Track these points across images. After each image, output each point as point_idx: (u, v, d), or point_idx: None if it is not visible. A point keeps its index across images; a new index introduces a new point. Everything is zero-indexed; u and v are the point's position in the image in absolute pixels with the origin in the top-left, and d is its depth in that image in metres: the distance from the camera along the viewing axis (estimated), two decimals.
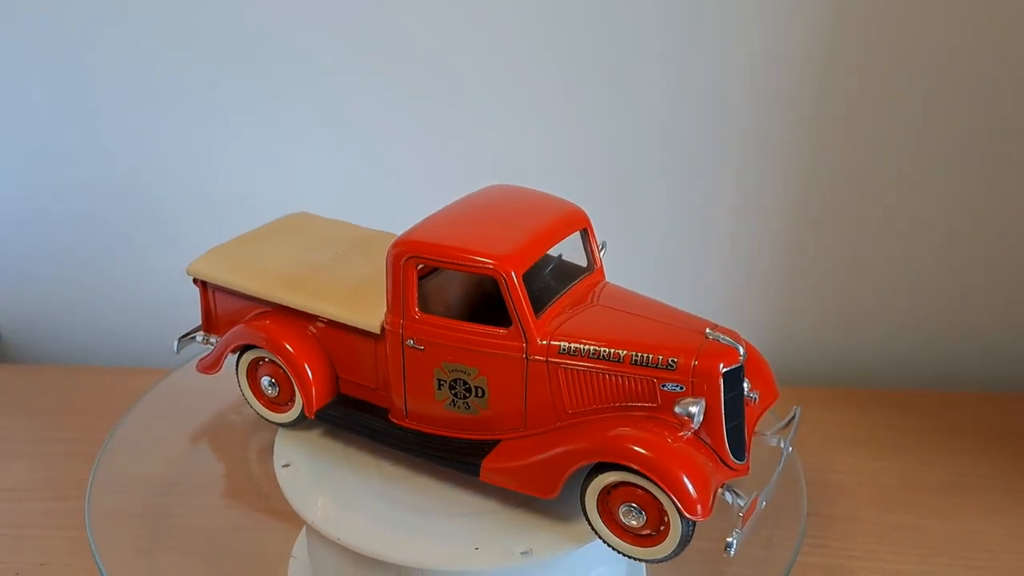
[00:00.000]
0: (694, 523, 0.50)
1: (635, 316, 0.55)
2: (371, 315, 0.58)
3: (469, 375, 0.55)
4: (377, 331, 0.57)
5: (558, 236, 0.57)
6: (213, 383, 0.65)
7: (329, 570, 0.61)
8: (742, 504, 0.51)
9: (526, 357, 0.54)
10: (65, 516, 0.78)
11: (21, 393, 0.98)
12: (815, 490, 0.80)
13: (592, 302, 0.57)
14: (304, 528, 0.68)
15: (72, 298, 1.05)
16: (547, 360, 0.53)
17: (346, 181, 0.97)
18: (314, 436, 0.64)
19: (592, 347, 0.53)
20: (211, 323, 0.67)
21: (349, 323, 0.59)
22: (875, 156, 0.92)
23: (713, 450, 0.52)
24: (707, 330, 0.52)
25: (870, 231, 0.96)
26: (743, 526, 0.50)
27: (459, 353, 0.55)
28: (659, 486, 0.49)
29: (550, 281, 0.59)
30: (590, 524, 0.53)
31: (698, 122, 0.91)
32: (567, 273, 0.60)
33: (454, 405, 0.56)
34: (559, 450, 0.52)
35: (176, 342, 0.67)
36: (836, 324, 1.01)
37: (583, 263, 0.61)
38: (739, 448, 0.53)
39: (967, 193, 0.93)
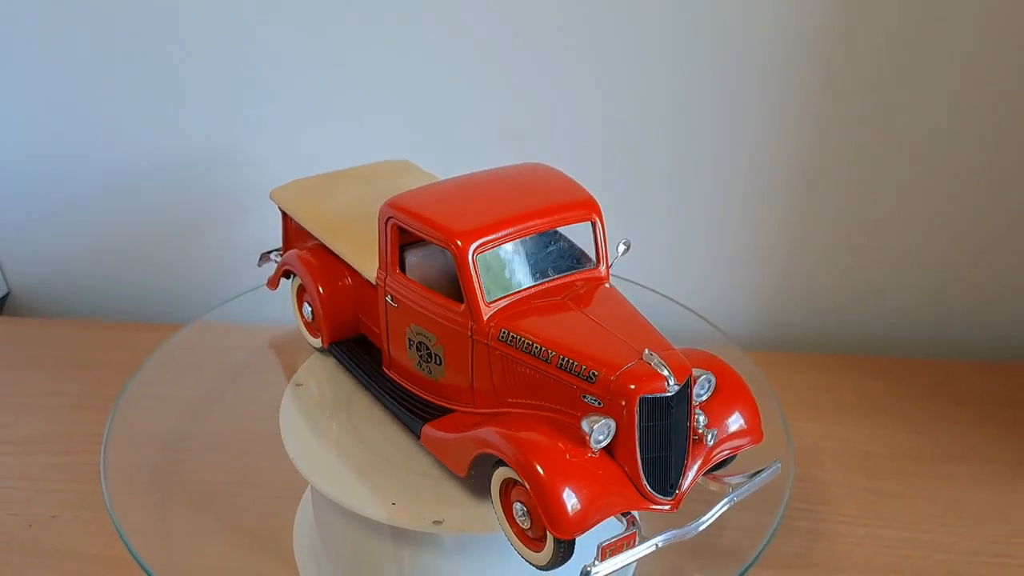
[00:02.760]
0: (571, 542, 0.48)
1: (592, 322, 0.53)
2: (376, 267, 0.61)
3: (430, 341, 0.57)
4: (374, 282, 0.61)
5: (549, 223, 0.56)
6: (224, 339, 0.69)
7: (324, 507, 0.65)
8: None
9: (472, 336, 0.54)
10: (75, 470, 0.79)
11: (31, 347, 0.99)
12: (803, 455, 0.81)
13: (565, 298, 0.55)
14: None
15: (81, 256, 1.07)
16: (488, 343, 0.53)
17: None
18: (336, 365, 0.69)
19: (527, 341, 0.52)
20: (287, 245, 0.75)
21: (356, 269, 0.63)
22: (875, 148, 0.93)
23: (629, 477, 0.49)
24: (645, 350, 0.49)
25: (867, 205, 0.97)
26: (603, 559, 0.47)
27: (422, 318, 0.57)
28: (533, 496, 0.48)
29: (545, 267, 0.58)
30: (495, 511, 0.53)
31: (712, 103, 0.92)
32: (565, 262, 0.58)
33: (420, 366, 0.59)
34: (470, 433, 0.52)
35: (259, 257, 0.76)
36: (831, 293, 1.02)
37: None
38: (661, 482, 0.50)
39: (956, 184, 0.94)
